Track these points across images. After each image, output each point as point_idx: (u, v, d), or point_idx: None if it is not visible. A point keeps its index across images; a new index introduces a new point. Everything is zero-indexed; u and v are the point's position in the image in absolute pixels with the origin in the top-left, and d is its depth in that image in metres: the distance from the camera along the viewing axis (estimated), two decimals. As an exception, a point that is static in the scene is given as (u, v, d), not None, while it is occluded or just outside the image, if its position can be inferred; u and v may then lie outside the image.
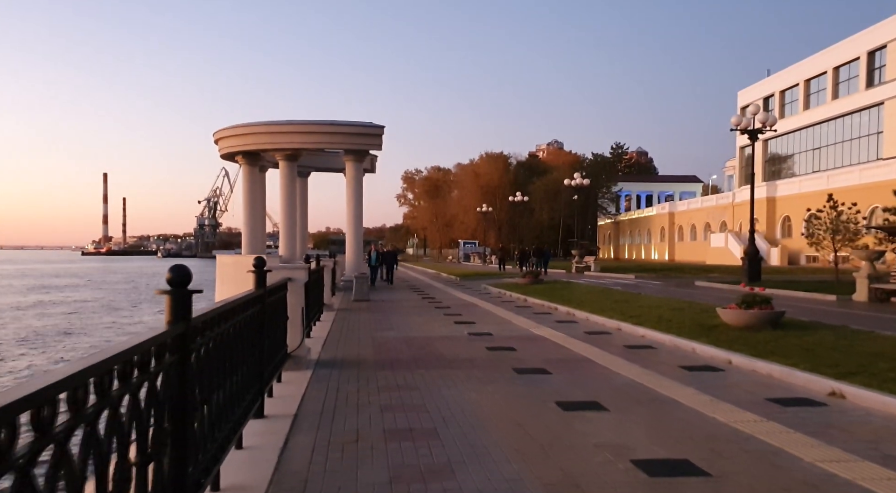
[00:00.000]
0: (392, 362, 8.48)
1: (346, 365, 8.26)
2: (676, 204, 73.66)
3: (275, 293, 6.45)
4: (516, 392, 6.66)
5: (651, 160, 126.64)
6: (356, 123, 23.24)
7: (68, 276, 75.43)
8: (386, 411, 5.88)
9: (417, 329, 12.03)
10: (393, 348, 9.74)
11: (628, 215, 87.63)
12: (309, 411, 5.91)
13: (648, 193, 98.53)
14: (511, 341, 10.43)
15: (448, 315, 14.45)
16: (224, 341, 4.07)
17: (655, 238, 74.84)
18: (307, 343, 9.84)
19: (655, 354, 9.18)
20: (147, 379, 2.71)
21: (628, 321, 11.96)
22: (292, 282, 7.64)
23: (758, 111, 22.64)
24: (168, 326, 3.06)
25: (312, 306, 11.28)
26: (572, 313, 14.49)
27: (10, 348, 22.26)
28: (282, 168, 24.09)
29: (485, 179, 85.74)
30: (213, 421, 3.85)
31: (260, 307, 5.45)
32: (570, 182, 43.40)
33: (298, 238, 26.44)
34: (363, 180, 25.29)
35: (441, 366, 8.15)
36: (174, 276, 3.12)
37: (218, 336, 3.96)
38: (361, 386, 6.95)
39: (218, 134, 25.41)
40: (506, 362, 8.39)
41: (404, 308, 16.49)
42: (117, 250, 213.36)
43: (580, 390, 6.82)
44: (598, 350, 9.41)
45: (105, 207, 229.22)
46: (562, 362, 8.53)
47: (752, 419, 5.48)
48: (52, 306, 38.68)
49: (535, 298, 17.92)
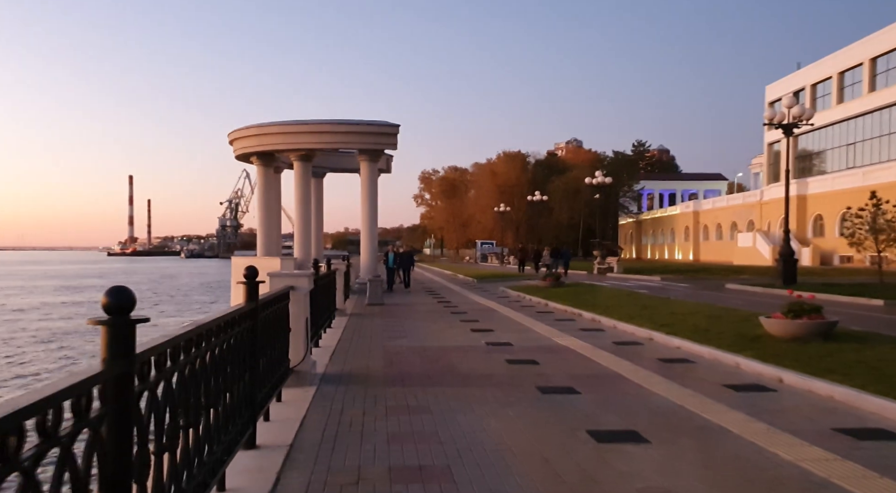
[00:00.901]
0: (403, 376, 7.76)
1: (353, 380, 7.55)
2: (701, 202, 72.09)
3: (272, 305, 5.77)
4: (541, 418, 5.89)
5: (673, 158, 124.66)
6: (370, 122, 22.60)
7: (94, 276, 75.88)
8: (393, 441, 5.15)
9: (432, 338, 11.30)
10: (405, 359, 9.01)
11: (651, 214, 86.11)
12: (307, 440, 5.20)
13: (671, 192, 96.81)
14: (533, 352, 9.65)
15: (464, 322, 13.70)
16: (196, 371, 3.38)
17: (679, 238, 73.36)
18: (315, 354, 9.17)
19: (694, 369, 8.35)
20: (58, 444, 2.00)
21: (661, 330, 11.11)
22: (295, 291, 6.96)
23: (792, 105, 21.54)
24: (103, 365, 2.37)
25: (322, 313, 10.60)
26: (598, 319, 13.66)
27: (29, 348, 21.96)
28: (296, 169, 23.54)
29: (502, 179, 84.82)
30: (180, 470, 3.16)
31: (250, 323, 4.76)
32: (591, 181, 42.38)
33: (314, 239, 25.87)
34: (378, 180, 24.65)
35: (456, 383, 7.40)
36: (112, 301, 2.41)
37: (186, 367, 3.27)
38: (368, 407, 6.23)
39: (232, 135, 24.95)
40: (528, 379, 7.63)
41: (419, 313, 15.76)
42: (142, 251, 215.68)
43: (614, 414, 6.04)
44: (629, 365, 8.60)
45: (131, 208, 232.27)
46: (590, 378, 7.74)
47: (823, 457, 4.66)
48: (74, 306, 38.62)
49: (557, 302, 17.09)
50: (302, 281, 7.07)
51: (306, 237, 23.99)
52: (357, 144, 22.79)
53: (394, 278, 23.72)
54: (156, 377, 2.80)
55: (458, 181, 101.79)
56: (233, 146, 25.32)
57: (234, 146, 25.11)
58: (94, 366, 2.34)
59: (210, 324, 3.68)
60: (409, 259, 25.35)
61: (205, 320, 3.69)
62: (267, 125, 23.18)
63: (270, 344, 5.70)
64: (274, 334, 5.93)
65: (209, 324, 3.66)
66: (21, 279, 69.02)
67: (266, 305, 5.49)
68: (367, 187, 22.77)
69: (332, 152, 27.52)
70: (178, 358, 3.09)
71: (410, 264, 25.15)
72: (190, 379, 3.28)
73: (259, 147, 23.68)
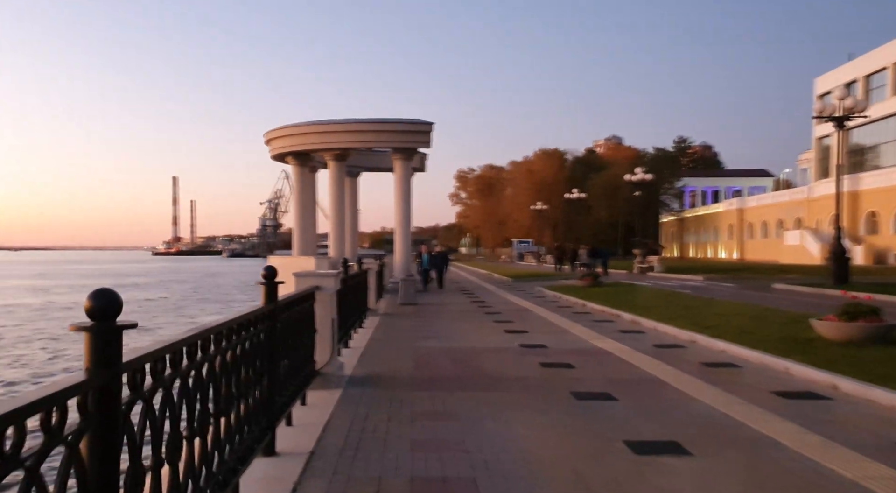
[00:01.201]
0: (431, 380, 7.50)
1: (380, 383, 7.33)
2: (746, 200, 70.05)
3: (295, 306, 5.58)
4: (575, 426, 5.57)
5: (716, 154, 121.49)
6: (403, 119, 22.44)
7: (139, 275, 77.85)
8: (417, 449, 4.89)
9: (463, 339, 11.03)
10: (434, 361, 8.76)
11: (693, 212, 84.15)
12: (328, 446, 4.99)
13: (715, 189, 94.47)
14: (568, 355, 9.30)
15: (498, 322, 13.38)
16: (202, 378, 3.18)
17: (723, 236, 71.51)
18: (344, 355, 9.00)
19: (740, 374, 7.89)
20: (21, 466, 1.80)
21: (704, 333, 10.62)
22: (321, 291, 6.77)
23: (844, 96, 20.57)
24: (85, 374, 2.17)
25: (351, 313, 10.43)
26: (638, 321, 13.19)
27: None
28: (330, 168, 23.55)
29: (539, 177, 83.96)
30: (183, 484, 2.96)
31: (269, 325, 4.56)
32: (631, 178, 41.52)
33: (348, 239, 25.87)
34: (413, 179, 24.49)
35: (486, 387, 7.11)
36: (95, 304, 2.20)
37: (190, 374, 3.08)
38: (393, 412, 5.99)
39: (268, 135, 25.11)
40: (562, 384, 7.29)
41: (451, 313, 15.50)
42: (185, 250, 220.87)
43: (654, 423, 5.67)
44: (670, 369, 8.18)
45: (175, 209, 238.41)
46: (629, 383, 7.36)
47: (889, 475, 4.22)
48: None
49: (595, 302, 16.63)
50: (328, 281, 6.88)
51: (341, 237, 23.98)
52: (390, 143, 22.66)
53: (428, 278, 23.47)
54: (152, 386, 2.60)
55: (495, 180, 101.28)
56: (269, 146, 25.48)
57: (270, 146, 25.27)
58: (73, 376, 2.15)
59: (219, 327, 3.48)
60: (444, 259, 25.00)
61: (213, 322, 3.50)
62: (301, 125, 23.24)
63: (293, 346, 5.52)
64: (298, 335, 5.74)
65: (218, 327, 3.46)
66: (71, 278, 71.18)
67: (288, 305, 5.30)
68: (401, 186, 22.62)
69: (367, 151, 27.48)
70: (180, 365, 2.89)
71: (445, 263, 24.80)
72: (195, 386, 3.08)
73: (294, 147, 23.76)
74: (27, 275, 77.97)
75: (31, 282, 62.89)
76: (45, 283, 61.36)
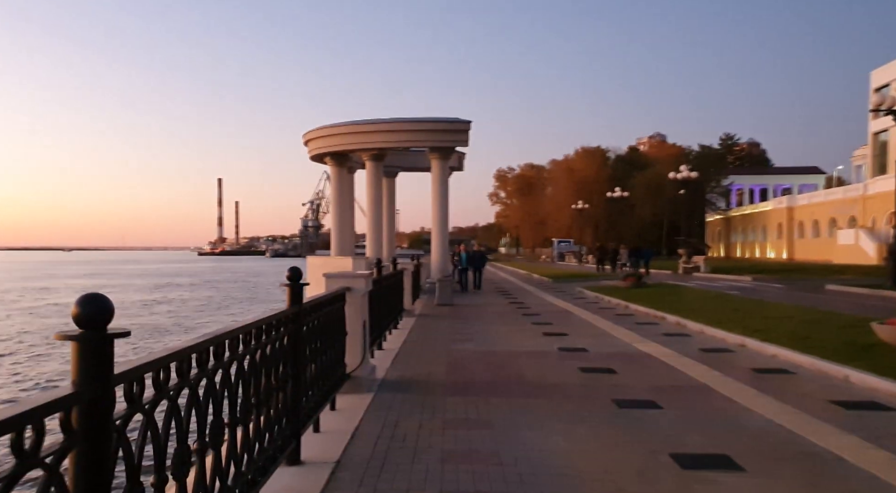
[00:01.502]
0: (465, 384, 7.24)
1: (413, 388, 7.10)
2: (796, 198, 67.66)
3: (323, 308, 5.38)
4: (617, 437, 5.24)
5: (764, 152, 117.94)
6: (440, 118, 22.22)
7: (186, 275, 79.63)
8: (448, 460, 4.64)
9: (500, 341, 10.73)
10: (469, 365, 8.49)
11: (740, 211, 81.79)
12: (356, 455, 4.77)
13: (763, 187, 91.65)
14: (610, 359, 8.92)
15: (536, 325, 13.02)
16: (215, 386, 2.99)
17: (772, 235, 69.28)
18: (377, 357, 8.83)
19: (794, 382, 7.42)
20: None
21: (754, 336, 10.10)
22: (351, 292, 6.58)
23: (904, 87, 19.54)
24: (73, 387, 1.99)
25: (385, 315, 10.25)
26: (683, 323, 12.68)
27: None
28: (368, 168, 23.51)
29: (580, 175, 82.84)
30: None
31: (293, 328, 4.37)
32: (676, 175, 40.47)
33: (386, 239, 25.81)
34: (451, 179, 24.26)
35: (523, 393, 6.82)
36: (83, 312, 2.00)
37: (200, 382, 2.89)
38: (425, 419, 5.74)
39: (307, 136, 25.23)
40: (603, 390, 6.94)
41: (489, 315, 15.20)
42: (229, 251, 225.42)
43: (701, 434, 5.30)
44: (719, 375, 7.75)
45: (220, 210, 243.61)
46: (675, 390, 6.97)
47: (969, 502, 3.81)
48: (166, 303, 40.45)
49: (638, 304, 16.12)
50: (358, 282, 6.68)
51: (378, 237, 23.93)
52: (427, 142, 22.48)
53: (466, 278, 23.13)
54: (154, 398, 2.41)
55: (535, 179, 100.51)
56: (307, 147, 25.60)
57: (309, 147, 25.38)
58: (58, 390, 1.97)
59: (235, 331, 3.29)
60: (482, 259, 24.59)
61: (230, 327, 3.30)
62: (339, 125, 23.26)
63: (322, 349, 5.33)
64: (327, 337, 5.56)
65: (234, 331, 3.27)
66: (121, 277, 73.28)
67: (316, 307, 5.12)
68: (438, 185, 22.41)
69: (404, 151, 27.38)
70: (188, 374, 2.69)
71: (482, 263, 24.39)
72: (207, 396, 2.90)
73: (332, 147, 23.80)
74: (79, 275, 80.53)
75: (83, 281, 64.89)
76: (96, 282, 63.25)
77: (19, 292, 49.36)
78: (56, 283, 62.17)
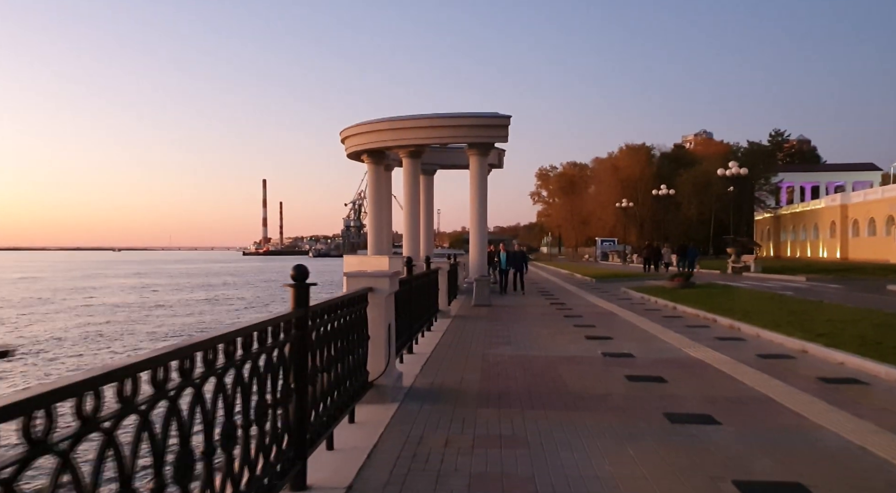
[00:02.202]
0: (500, 394, 6.64)
1: (442, 397, 6.54)
2: (850, 195, 64.79)
3: (338, 310, 4.87)
4: (671, 459, 4.57)
5: (815, 149, 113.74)
6: (479, 113, 21.59)
7: (227, 274, 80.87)
8: (476, 486, 4.05)
9: (539, 345, 10.07)
10: (505, 372, 7.89)
11: (791, 209, 78.84)
12: (370, 480, 4.21)
13: (814, 184, 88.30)
14: (659, 366, 8.20)
15: (579, 327, 12.31)
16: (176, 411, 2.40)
17: (824, 234, 66.51)
18: (406, 362, 8.31)
19: (870, 394, 6.60)
20: None
21: (817, 341, 9.24)
22: (374, 293, 6.06)
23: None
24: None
25: (417, 317, 9.71)
26: (737, 326, 11.82)
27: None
28: (405, 165, 23.06)
29: (625, 173, 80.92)
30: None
31: (297, 335, 3.85)
32: (725, 172, 38.93)
33: (423, 238, 25.31)
34: (491, 177, 23.64)
35: (563, 405, 6.18)
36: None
37: (175, 401, 2.39)
38: (453, 435, 5.18)
39: (344, 133, 24.94)
40: (653, 402, 6.26)
41: (528, 316, 14.52)
42: (274, 251, 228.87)
43: (768, 457, 4.61)
44: (781, 385, 6.98)
45: (264, 210, 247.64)
46: (734, 403, 6.25)
47: None
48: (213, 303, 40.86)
49: (687, 305, 15.23)
50: (382, 282, 6.15)
51: (415, 235, 23.46)
52: (466, 138, 21.88)
53: (506, 279, 22.24)
54: (81, 428, 1.87)
55: (577, 177, 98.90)
56: (344, 144, 25.31)
57: (346, 144, 25.09)
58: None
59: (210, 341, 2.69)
60: (523, 258, 23.27)
61: (206, 335, 2.77)
62: (375, 122, 22.87)
63: (337, 356, 4.82)
64: (345, 343, 5.05)
65: (210, 341, 2.70)
66: (167, 277, 74.82)
67: (330, 309, 4.60)
68: (477, 183, 21.80)
69: (442, 149, 26.87)
70: (132, 400, 2.10)
71: (524, 264, 23.06)
72: (167, 421, 2.34)
73: (368, 145, 23.43)
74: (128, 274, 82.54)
75: (132, 281, 66.37)
76: (144, 281, 64.62)
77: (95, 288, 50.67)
78: (150, 280, 63.74)
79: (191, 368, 2.50)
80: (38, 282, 64.12)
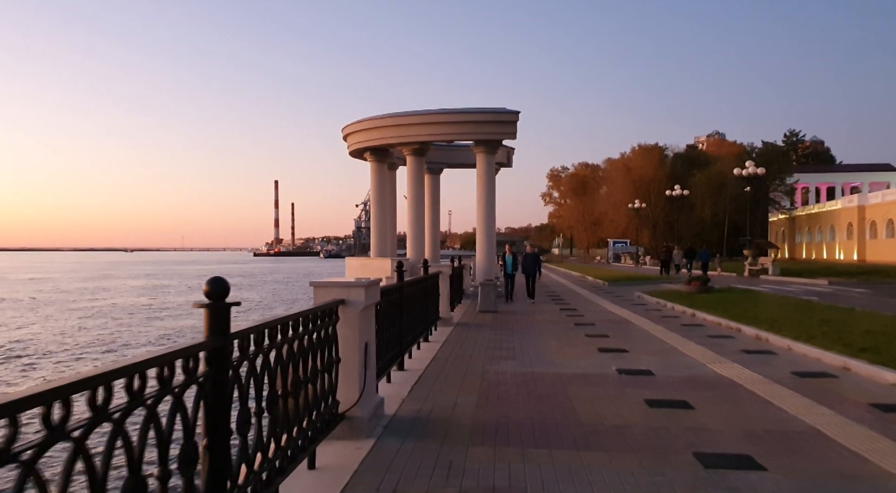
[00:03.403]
0: (497, 425, 5.62)
1: (428, 430, 5.53)
2: (867, 196, 63.13)
3: (286, 332, 3.90)
4: (711, 528, 3.55)
5: (828, 150, 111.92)
6: (485, 109, 20.52)
7: (238, 275, 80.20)
8: (456, 569, 3.06)
9: (546, 360, 9.04)
10: (506, 394, 6.87)
11: (806, 210, 77.13)
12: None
13: (830, 185, 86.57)
14: (683, 386, 7.17)
15: (590, 337, 11.27)
16: None
17: (840, 235, 64.88)
18: (394, 381, 7.33)
19: (943, 429, 5.53)
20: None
21: (860, 357, 8.17)
22: (346, 306, 5.08)
23: None
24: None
25: (410, 329, 8.69)
26: (764, 337, 10.74)
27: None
28: (409, 164, 22.04)
29: (637, 174, 79.49)
30: None
31: (211, 373, 2.86)
32: (741, 172, 37.69)
33: (428, 239, 24.30)
34: (501, 177, 22.57)
35: (571, 442, 5.14)
36: None
37: None
38: (435, 486, 4.17)
39: (345, 130, 23.96)
40: (680, 437, 5.23)
41: (536, 324, 13.46)
42: (285, 252, 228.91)
43: (838, 525, 3.58)
44: (830, 414, 5.93)
45: (276, 211, 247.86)
46: (776, 439, 5.20)
47: None
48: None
49: (707, 312, 14.13)
50: (356, 293, 5.16)
51: (419, 237, 22.44)
52: (472, 135, 20.82)
53: (512, 285, 21.07)
54: None
55: (589, 178, 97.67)
56: (346, 142, 24.35)
57: (348, 142, 24.11)
58: None
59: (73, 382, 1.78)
60: (535, 261, 21.96)
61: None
62: (377, 118, 21.88)
63: (290, 391, 3.85)
64: (303, 371, 4.08)
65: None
66: (179, 278, 74.26)
67: (272, 332, 3.61)
68: (484, 181, 20.72)
69: (448, 146, 25.86)
70: None
71: (536, 268, 20.91)
72: None
73: (370, 142, 22.44)
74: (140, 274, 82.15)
75: (142, 282, 65.88)
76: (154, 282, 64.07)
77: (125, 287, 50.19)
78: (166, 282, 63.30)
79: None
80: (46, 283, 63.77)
